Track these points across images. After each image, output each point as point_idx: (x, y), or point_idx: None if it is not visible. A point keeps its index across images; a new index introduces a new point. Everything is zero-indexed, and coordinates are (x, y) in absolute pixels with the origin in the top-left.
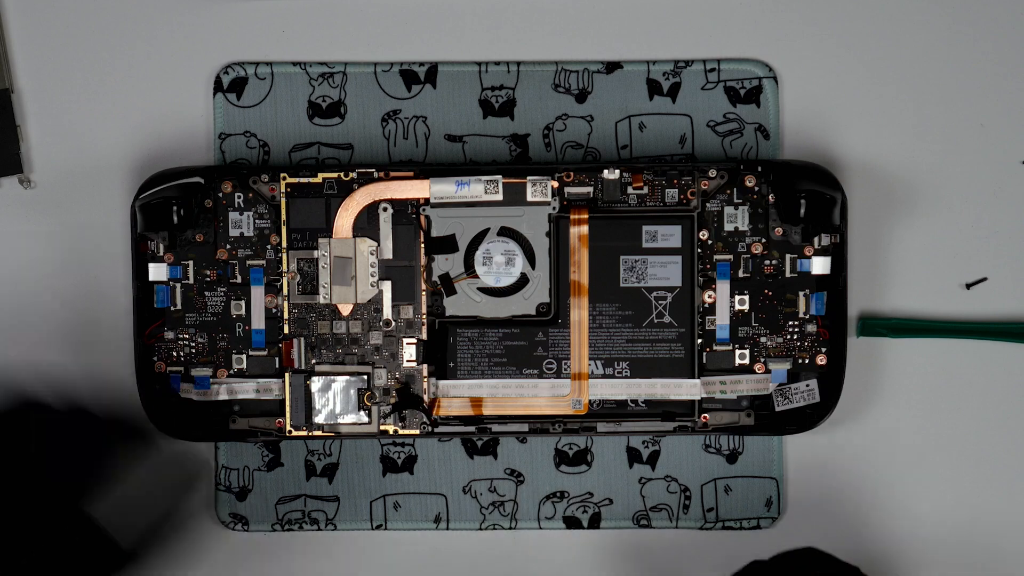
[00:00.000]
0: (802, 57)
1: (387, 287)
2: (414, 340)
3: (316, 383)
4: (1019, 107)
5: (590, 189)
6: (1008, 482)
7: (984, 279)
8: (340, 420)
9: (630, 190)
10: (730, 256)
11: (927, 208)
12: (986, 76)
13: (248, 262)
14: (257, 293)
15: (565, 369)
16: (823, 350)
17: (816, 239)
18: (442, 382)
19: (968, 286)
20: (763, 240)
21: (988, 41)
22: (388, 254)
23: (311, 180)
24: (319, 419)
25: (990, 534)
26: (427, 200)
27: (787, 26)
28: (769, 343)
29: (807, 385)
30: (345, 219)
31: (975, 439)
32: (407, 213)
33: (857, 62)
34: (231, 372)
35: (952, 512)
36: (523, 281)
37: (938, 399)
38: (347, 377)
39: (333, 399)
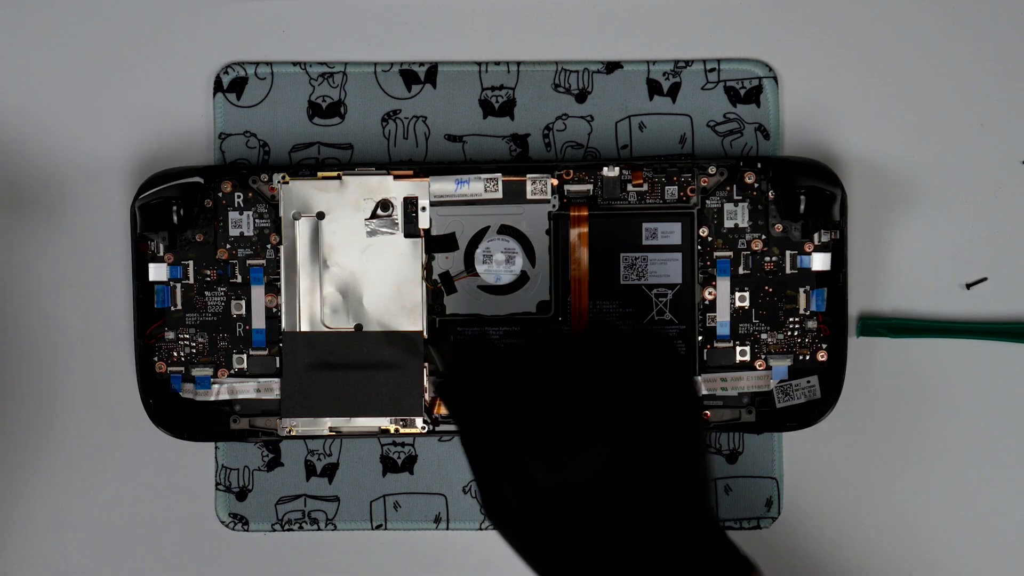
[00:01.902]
0: (802, 57)
1: None
2: None
3: None
4: (1019, 107)
5: (590, 187)
6: (1008, 482)
7: (984, 279)
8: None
9: (630, 187)
10: (730, 253)
11: (927, 208)
12: (986, 76)
13: (248, 262)
14: (257, 293)
15: None
16: (824, 346)
17: (816, 235)
18: None
19: (968, 286)
20: (763, 236)
21: (988, 41)
22: None
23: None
24: None
25: (990, 534)
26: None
27: (787, 26)
28: (770, 340)
29: (808, 381)
30: None
31: (975, 439)
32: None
33: (857, 62)
34: (231, 372)
35: (952, 512)
36: (523, 279)
37: (938, 399)
38: None
39: None
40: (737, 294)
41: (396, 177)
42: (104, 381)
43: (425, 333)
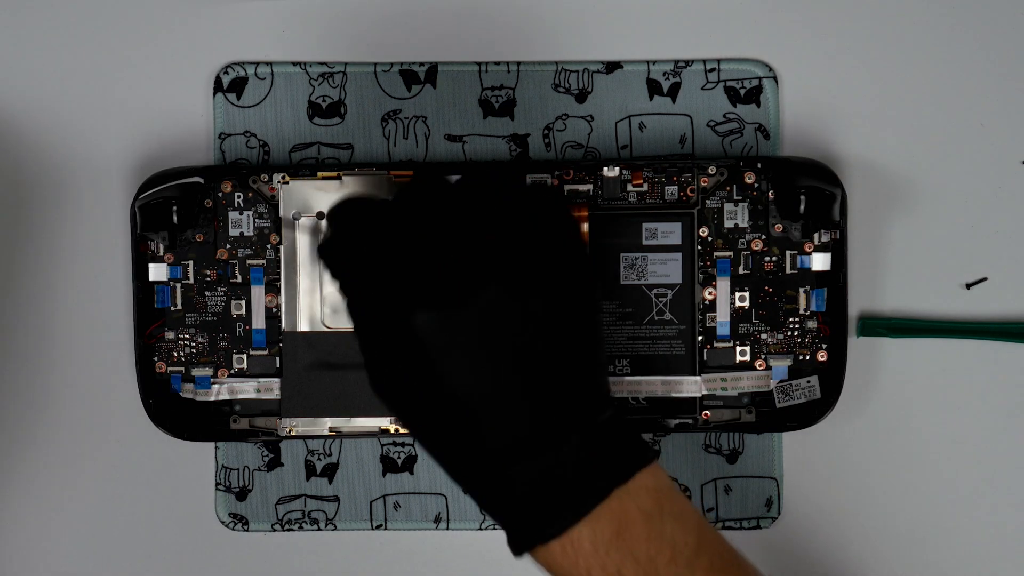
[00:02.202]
0: (802, 57)
1: None
2: None
3: None
4: (1019, 107)
5: (590, 187)
6: (1008, 482)
7: (984, 279)
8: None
9: (630, 187)
10: (730, 253)
11: (927, 208)
12: (986, 76)
13: (248, 262)
14: (257, 293)
15: None
16: (824, 346)
17: (816, 235)
18: None
19: (968, 286)
20: (763, 236)
21: (988, 41)
22: None
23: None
24: None
25: (990, 534)
26: None
27: (787, 26)
28: (770, 340)
29: (808, 381)
30: None
31: (975, 439)
32: None
33: (857, 62)
34: (231, 372)
35: (952, 512)
36: None
37: (938, 399)
38: None
39: None
40: (737, 294)
41: (396, 177)
42: (104, 381)
43: None
